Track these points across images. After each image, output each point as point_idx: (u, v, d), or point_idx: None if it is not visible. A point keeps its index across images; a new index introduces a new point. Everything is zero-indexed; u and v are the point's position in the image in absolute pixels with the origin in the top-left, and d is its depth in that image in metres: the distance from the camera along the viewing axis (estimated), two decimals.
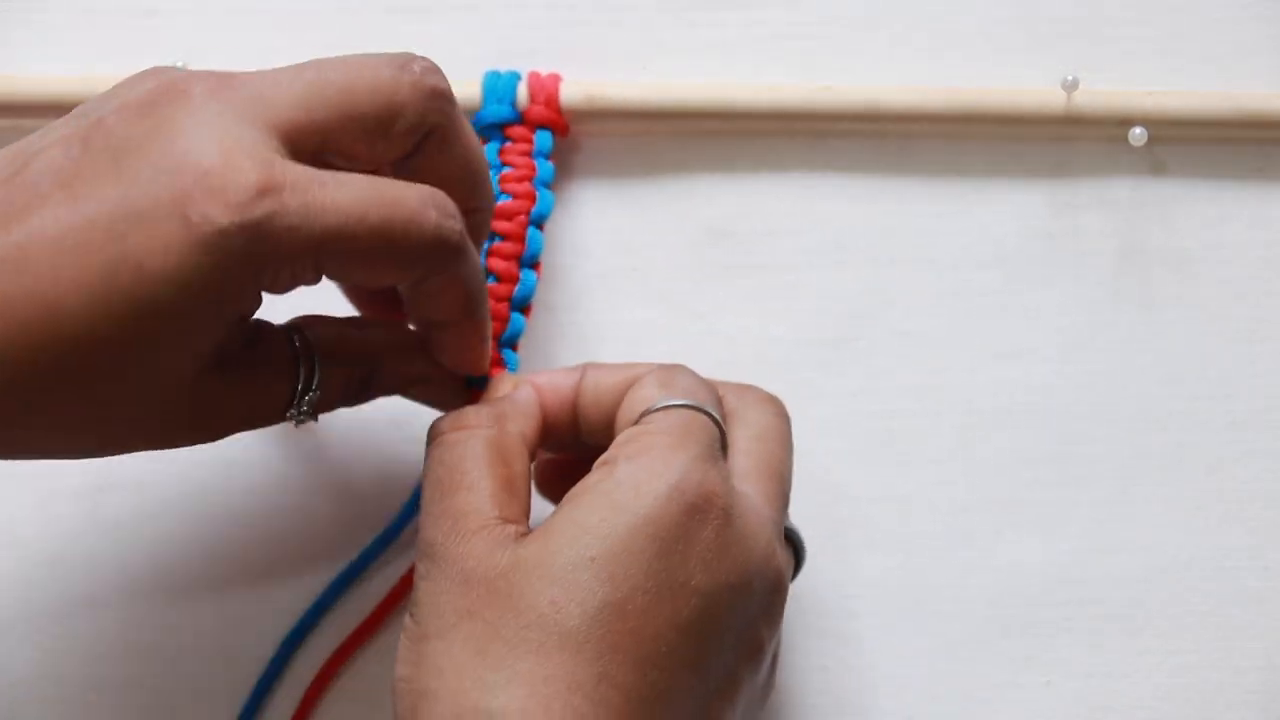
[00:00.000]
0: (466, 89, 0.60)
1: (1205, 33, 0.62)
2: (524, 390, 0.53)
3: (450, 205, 0.49)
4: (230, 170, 0.45)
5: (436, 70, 0.50)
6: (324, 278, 0.48)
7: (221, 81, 0.47)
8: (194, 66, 0.60)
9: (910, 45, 0.63)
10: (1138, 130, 0.60)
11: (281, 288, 0.47)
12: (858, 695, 0.60)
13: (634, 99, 0.61)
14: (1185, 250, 0.62)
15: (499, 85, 0.60)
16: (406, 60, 0.49)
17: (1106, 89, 0.61)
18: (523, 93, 0.60)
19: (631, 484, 0.47)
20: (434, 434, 0.51)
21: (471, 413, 0.51)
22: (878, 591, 0.60)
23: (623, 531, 0.47)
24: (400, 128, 0.49)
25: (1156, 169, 0.62)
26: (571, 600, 0.46)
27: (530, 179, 0.59)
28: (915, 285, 0.62)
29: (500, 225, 0.59)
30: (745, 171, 0.62)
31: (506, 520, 0.48)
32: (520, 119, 0.60)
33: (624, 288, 0.61)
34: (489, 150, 0.60)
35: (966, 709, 0.60)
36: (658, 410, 0.50)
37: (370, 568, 0.59)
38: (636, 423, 0.50)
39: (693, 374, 0.52)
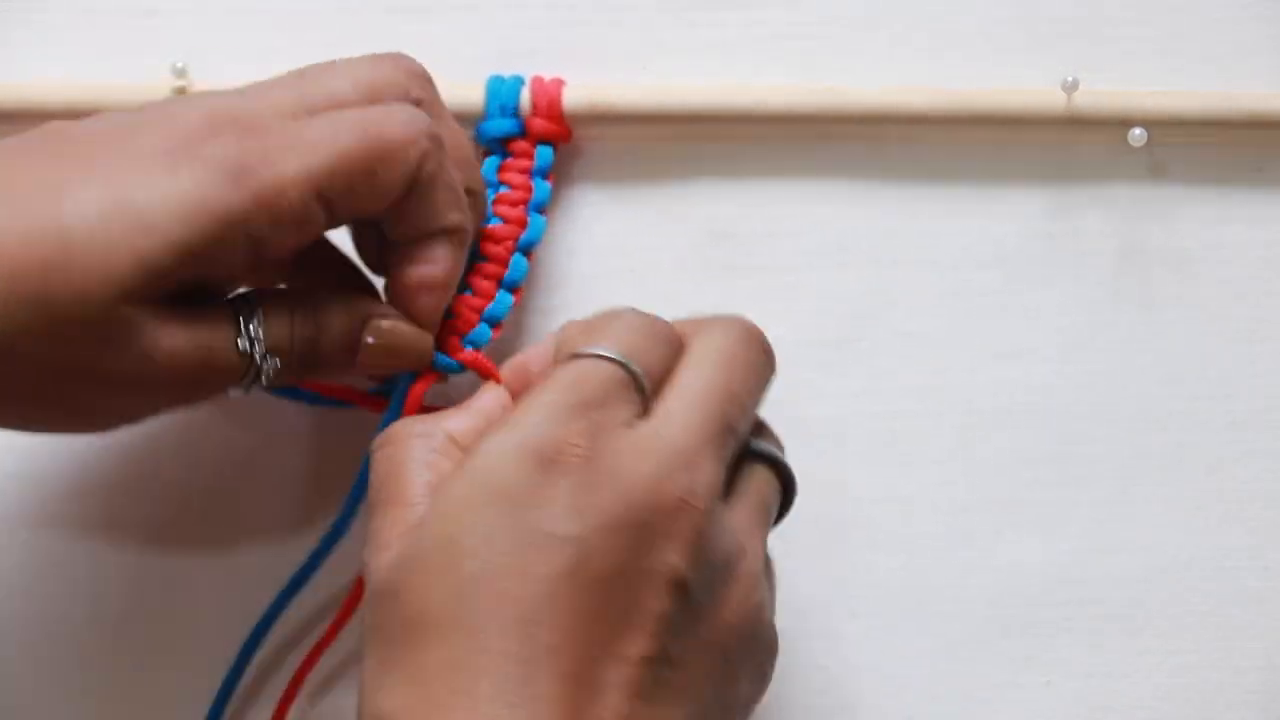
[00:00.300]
0: (467, 92, 0.60)
1: (1205, 33, 0.62)
2: (488, 395, 0.54)
3: (419, 116, 0.52)
4: (216, 119, 0.49)
5: (412, 63, 0.54)
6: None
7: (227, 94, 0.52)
8: (194, 67, 0.60)
9: (910, 45, 0.63)
10: (1137, 131, 0.60)
11: (286, 235, 0.50)
12: (858, 695, 0.60)
13: (637, 104, 0.60)
14: (1185, 251, 0.62)
15: (502, 91, 0.60)
16: (392, 55, 0.53)
17: (1106, 89, 0.61)
18: (525, 98, 0.60)
19: (483, 453, 0.48)
20: (371, 450, 0.52)
21: (400, 425, 0.52)
22: (878, 591, 0.60)
23: (472, 499, 0.47)
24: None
25: (1156, 170, 0.62)
26: (435, 585, 0.46)
27: (525, 203, 0.59)
28: (916, 286, 0.62)
29: (488, 248, 0.59)
30: (745, 174, 0.62)
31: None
32: (523, 130, 0.60)
33: (624, 290, 0.61)
34: (488, 166, 0.60)
35: (966, 709, 0.60)
36: (565, 360, 0.50)
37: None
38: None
39: (632, 320, 0.51)
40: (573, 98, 0.60)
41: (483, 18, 0.63)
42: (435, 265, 0.54)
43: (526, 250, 0.59)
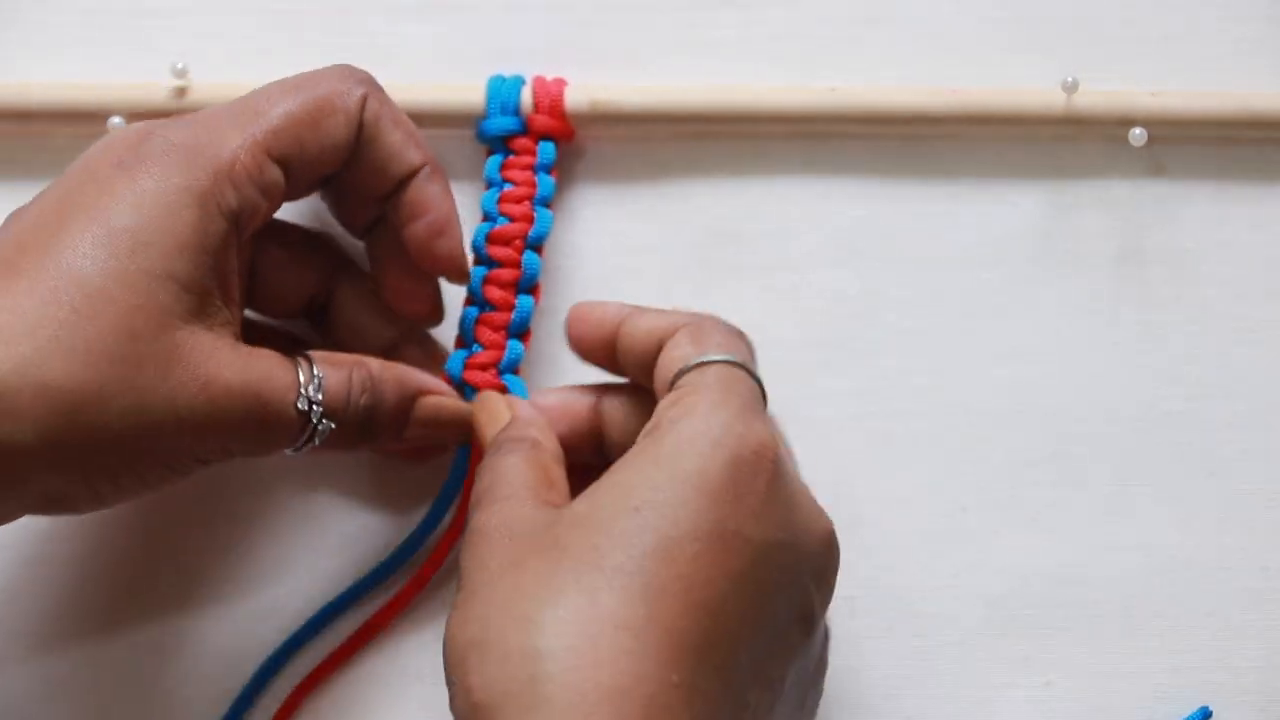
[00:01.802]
0: (468, 92, 0.60)
1: (1205, 33, 0.62)
2: (528, 409, 0.55)
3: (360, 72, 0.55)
4: (153, 125, 0.51)
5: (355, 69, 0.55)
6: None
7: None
8: (194, 67, 0.61)
9: (910, 45, 0.63)
10: (1137, 131, 0.60)
11: (254, 205, 0.51)
12: (858, 695, 0.60)
13: (637, 103, 0.61)
14: (1185, 250, 0.62)
15: (503, 90, 0.60)
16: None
17: (1106, 89, 0.61)
18: (526, 98, 0.60)
19: (675, 441, 0.47)
20: (487, 450, 0.53)
21: (507, 439, 0.53)
22: (877, 592, 0.60)
23: (667, 483, 0.46)
24: (335, 123, 0.53)
25: (1156, 169, 0.62)
26: (616, 546, 0.45)
27: (530, 198, 0.59)
28: (916, 286, 0.62)
29: (497, 251, 0.59)
30: (745, 173, 0.62)
31: (550, 504, 0.49)
32: (524, 128, 0.60)
33: (626, 290, 0.61)
34: (490, 165, 0.60)
35: (966, 709, 0.60)
36: (692, 369, 0.50)
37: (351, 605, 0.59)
38: (673, 385, 0.51)
39: (725, 326, 0.53)
40: (574, 98, 0.60)
41: (483, 18, 0.63)
42: (432, 209, 0.55)
43: (536, 246, 0.59)
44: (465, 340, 0.59)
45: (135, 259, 0.48)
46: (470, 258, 0.59)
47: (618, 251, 0.62)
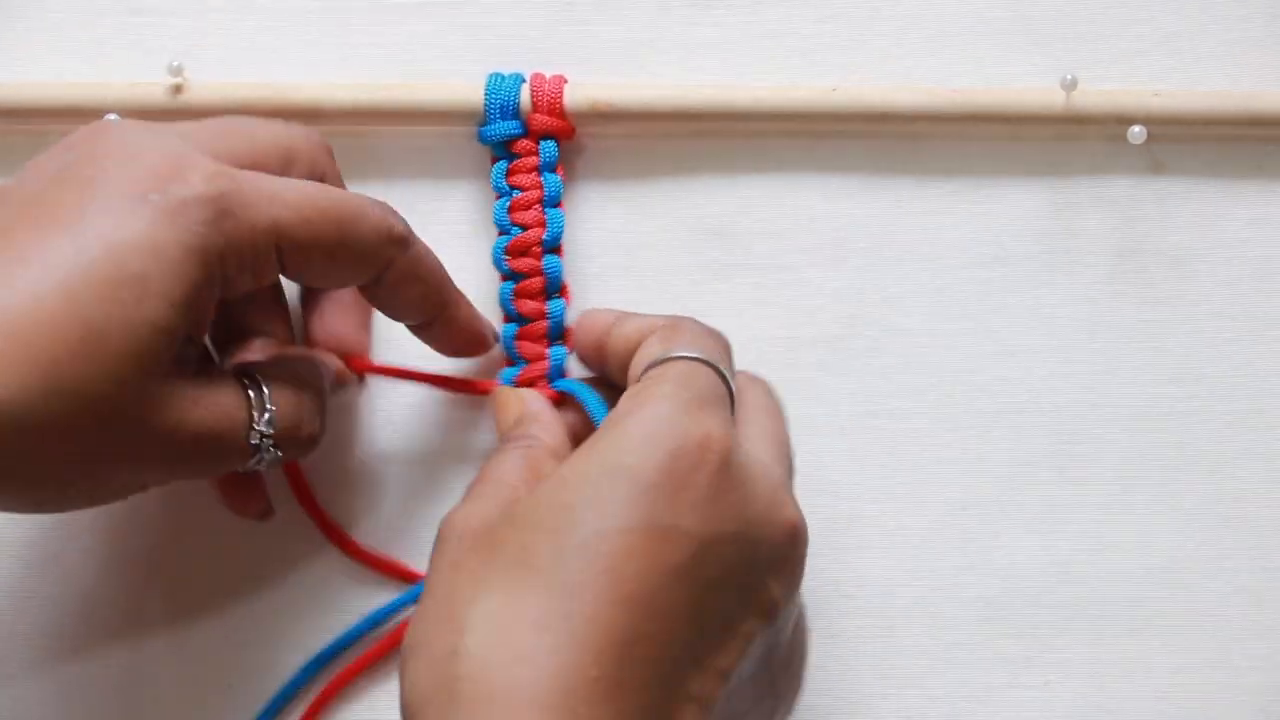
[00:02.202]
0: (467, 91, 0.60)
1: (1204, 32, 0.62)
2: (537, 403, 0.56)
3: (391, 208, 0.53)
4: (182, 160, 0.49)
5: (316, 134, 0.55)
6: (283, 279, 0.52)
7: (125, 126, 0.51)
8: (191, 66, 0.60)
9: (910, 44, 0.63)
10: (1137, 129, 0.60)
11: (244, 281, 0.50)
12: (858, 695, 0.60)
13: (636, 102, 0.60)
14: (1185, 249, 0.62)
15: (502, 88, 0.60)
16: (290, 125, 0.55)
17: (1106, 88, 0.61)
18: (525, 96, 0.60)
19: (617, 435, 0.48)
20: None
21: (512, 436, 0.54)
22: (877, 591, 0.60)
23: (601, 477, 0.47)
24: (297, 171, 0.53)
25: (1156, 167, 0.62)
26: (543, 543, 0.46)
27: (539, 202, 0.60)
28: (915, 284, 0.61)
29: (517, 263, 0.59)
30: (744, 171, 0.62)
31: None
32: (525, 130, 0.60)
33: (623, 288, 0.61)
34: (495, 173, 0.60)
35: (966, 709, 0.60)
36: (655, 365, 0.51)
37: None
38: (639, 380, 0.51)
39: (699, 326, 0.53)
40: (573, 96, 0.60)
41: (482, 17, 0.63)
42: (457, 324, 0.57)
43: (554, 248, 0.59)
44: (510, 358, 0.60)
45: (141, 309, 0.47)
46: (496, 276, 0.60)
47: (612, 248, 0.62)
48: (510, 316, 0.60)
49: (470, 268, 0.61)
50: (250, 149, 0.52)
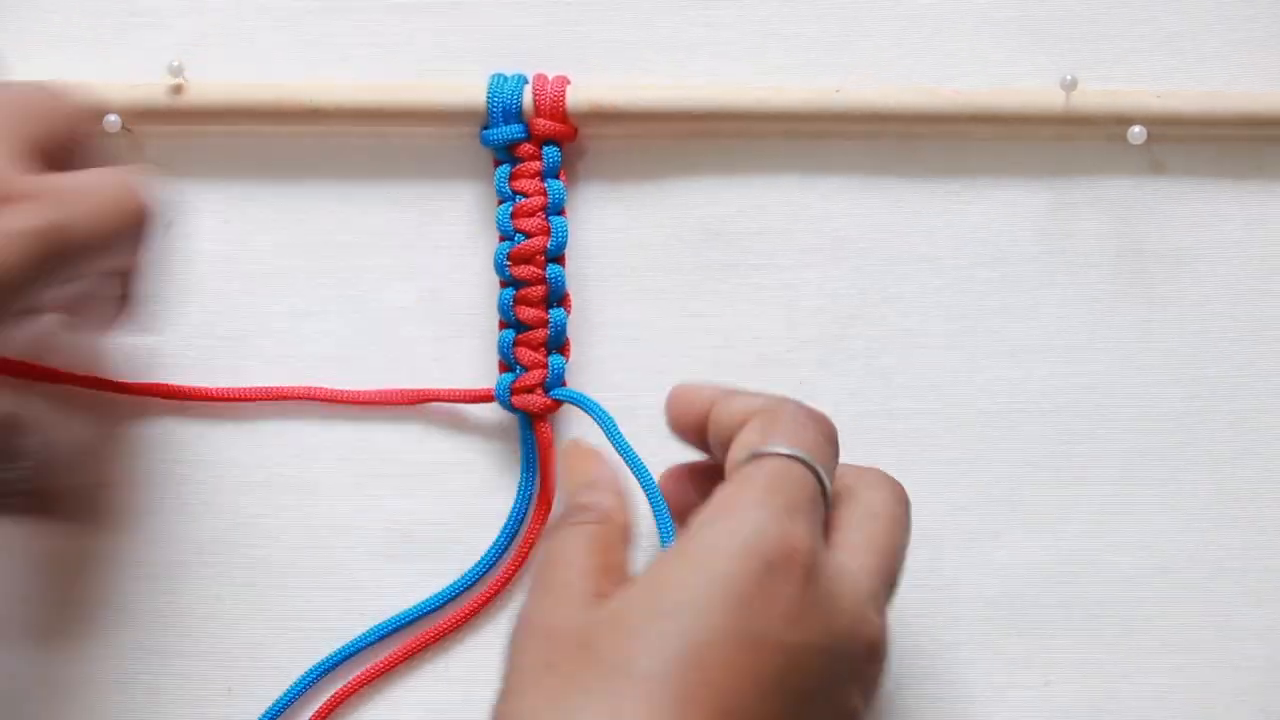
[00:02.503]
0: (468, 91, 0.60)
1: (1205, 33, 0.62)
2: (605, 469, 0.54)
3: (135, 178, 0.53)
4: None
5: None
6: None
7: None
8: (191, 66, 0.60)
9: (910, 45, 0.63)
10: (1136, 129, 0.60)
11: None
12: None
13: (637, 103, 0.60)
14: (1184, 249, 0.62)
15: (504, 89, 0.60)
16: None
17: (1105, 88, 0.61)
18: (528, 98, 0.60)
19: (709, 542, 0.47)
20: (547, 529, 0.53)
21: (578, 508, 0.52)
22: None
23: (697, 586, 0.46)
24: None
25: (1156, 168, 0.62)
26: (644, 652, 0.45)
27: (543, 209, 0.60)
28: (914, 285, 0.61)
29: (520, 270, 0.59)
30: (744, 172, 0.62)
31: (601, 595, 0.48)
32: (528, 134, 0.60)
33: (622, 288, 0.61)
34: (498, 177, 0.60)
35: (966, 709, 0.60)
36: (750, 462, 0.50)
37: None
38: (732, 477, 0.50)
39: (800, 413, 0.52)
40: (574, 97, 0.60)
41: (483, 17, 0.63)
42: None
43: (557, 257, 0.59)
44: (508, 364, 0.60)
45: None
46: (496, 280, 0.60)
47: (612, 248, 0.62)
48: (508, 323, 0.60)
49: (471, 268, 0.61)
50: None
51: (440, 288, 0.61)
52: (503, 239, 0.60)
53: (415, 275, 0.61)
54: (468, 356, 0.61)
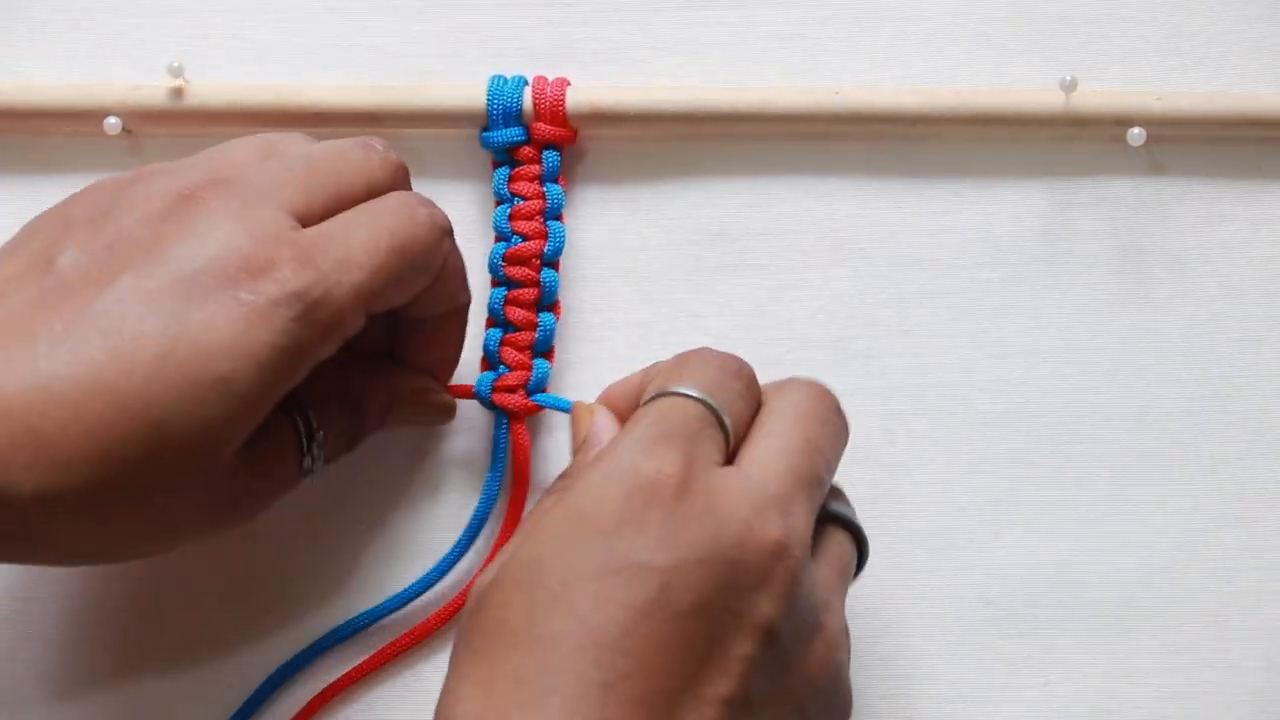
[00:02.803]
0: (468, 92, 0.60)
1: (1205, 33, 0.62)
2: (602, 417, 0.54)
3: (423, 198, 0.54)
4: (272, 248, 0.49)
5: (396, 158, 0.55)
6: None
7: (228, 183, 0.50)
8: (192, 68, 0.60)
9: (910, 45, 0.63)
10: (1136, 130, 0.60)
11: (330, 349, 0.51)
12: (858, 695, 0.59)
13: (637, 104, 0.60)
14: (1184, 250, 0.62)
15: (504, 91, 0.60)
16: (368, 143, 0.54)
17: (1105, 89, 0.61)
18: (528, 99, 0.60)
19: (579, 481, 0.48)
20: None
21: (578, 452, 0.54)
22: (877, 591, 0.60)
23: (563, 525, 0.47)
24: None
25: (1156, 169, 0.62)
26: (518, 600, 0.46)
27: (541, 213, 0.60)
28: (915, 285, 0.61)
29: (515, 271, 0.59)
30: (743, 173, 0.62)
31: None
32: (528, 137, 0.60)
33: (622, 289, 0.61)
34: (497, 179, 0.60)
35: (966, 709, 0.60)
36: (646, 404, 0.51)
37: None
38: None
39: (708, 355, 0.52)
40: (574, 99, 0.60)
41: (483, 18, 0.63)
42: (448, 344, 0.58)
43: (553, 262, 0.59)
44: (491, 362, 0.60)
45: (219, 407, 0.48)
46: (488, 279, 0.60)
47: (611, 249, 0.62)
48: (497, 321, 0.60)
49: (469, 268, 0.61)
50: (336, 193, 0.52)
51: None
52: (499, 239, 0.60)
53: None
54: None
